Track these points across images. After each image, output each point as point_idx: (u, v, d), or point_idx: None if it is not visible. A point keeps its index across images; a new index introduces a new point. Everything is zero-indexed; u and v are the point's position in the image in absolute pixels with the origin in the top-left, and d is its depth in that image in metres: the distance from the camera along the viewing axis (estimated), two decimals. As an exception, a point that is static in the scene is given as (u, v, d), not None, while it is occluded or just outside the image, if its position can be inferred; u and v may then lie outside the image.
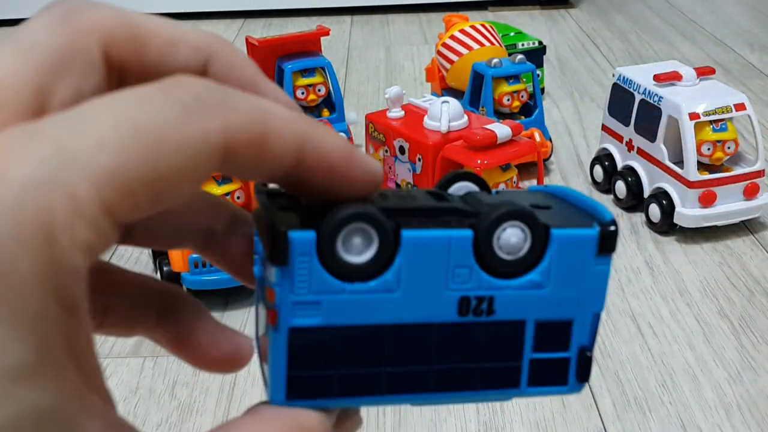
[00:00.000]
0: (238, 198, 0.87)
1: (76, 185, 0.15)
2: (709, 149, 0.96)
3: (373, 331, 0.20)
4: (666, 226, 0.99)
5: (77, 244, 0.15)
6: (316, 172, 0.19)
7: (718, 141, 0.96)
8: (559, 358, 0.21)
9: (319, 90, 1.13)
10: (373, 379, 0.20)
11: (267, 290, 0.20)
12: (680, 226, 0.98)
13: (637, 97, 1.02)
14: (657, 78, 1.00)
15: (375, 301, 0.20)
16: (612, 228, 0.21)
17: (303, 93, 1.12)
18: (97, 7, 0.19)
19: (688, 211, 0.97)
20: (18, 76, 0.17)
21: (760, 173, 0.98)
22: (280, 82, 1.13)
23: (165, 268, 0.87)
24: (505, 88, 1.12)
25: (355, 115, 1.21)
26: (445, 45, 1.24)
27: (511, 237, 0.20)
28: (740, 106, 0.96)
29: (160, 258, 0.88)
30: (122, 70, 0.20)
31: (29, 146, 0.15)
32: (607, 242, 0.21)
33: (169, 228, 0.23)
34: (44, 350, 0.15)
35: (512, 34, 1.37)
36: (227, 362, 0.23)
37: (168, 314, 0.23)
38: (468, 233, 0.20)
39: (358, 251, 0.19)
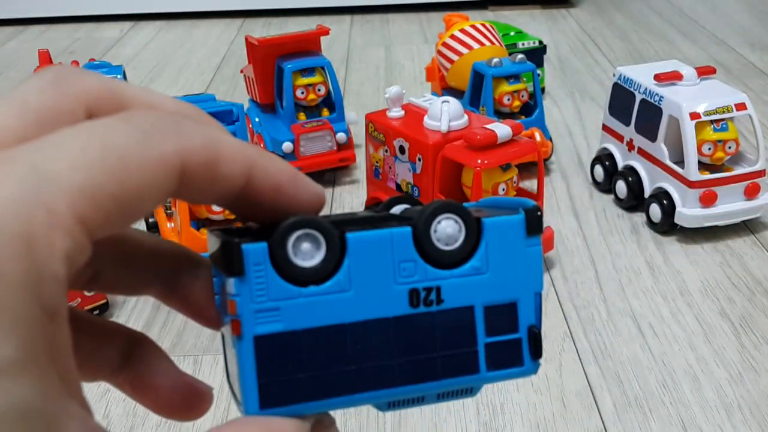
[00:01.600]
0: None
1: (52, 200, 0.17)
2: (709, 149, 0.96)
3: (333, 331, 0.22)
4: (666, 226, 0.99)
5: (56, 253, 0.17)
6: (264, 193, 0.21)
7: (719, 141, 0.95)
8: (512, 339, 0.23)
9: (319, 89, 1.13)
10: (341, 378, 0.22)
11: (228, 303, 0.21)
12: (681, 226, 0.98)
13: (638, 97, 1.02)
14: (658, 77, 1.00)
15: (331, 302, 0.22)
16: (536, 211, 0.23)
17: (303, 92, 1.12)
18: (84, 75, 0.21)
19: (688, 211, 0.96)
20: (4, 129, 0.19)
21: (761, 173, 0.98)
22: (280, 82, 1.13)
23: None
24: (506, 87, 1.12)
25: (355, 114, 1.21)
26: (445, 44, 1.24)
27: (447, 228, 0.22)
28: (741, 106, 0.96)
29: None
30: None
31: (6, 169, 0.17)
32: (533, 223, 0.23)
33: (134, 275, 0.24)
34: (28, 350, 0.16)
35: (512, 33, 1.37)
36: (186, 408, 0.25)
37: (132, 359, 0.24)
38: (407, 229, 0.22)
39: (309, 256, 0.21)
